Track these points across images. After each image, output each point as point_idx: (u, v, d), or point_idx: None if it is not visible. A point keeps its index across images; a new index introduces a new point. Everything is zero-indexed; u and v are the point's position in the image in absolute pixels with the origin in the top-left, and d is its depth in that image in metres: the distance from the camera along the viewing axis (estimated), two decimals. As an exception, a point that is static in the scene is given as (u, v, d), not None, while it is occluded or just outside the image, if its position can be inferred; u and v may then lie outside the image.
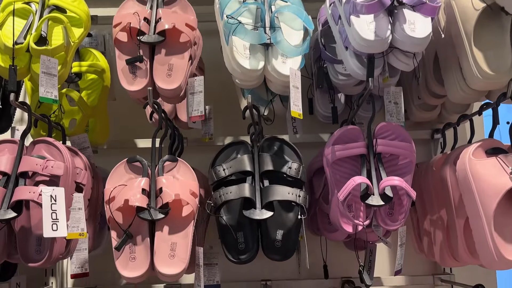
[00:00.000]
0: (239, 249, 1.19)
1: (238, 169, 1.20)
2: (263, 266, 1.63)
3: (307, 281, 1.60)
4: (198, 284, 1.16)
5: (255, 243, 1.20)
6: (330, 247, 1.60)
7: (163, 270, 1.10)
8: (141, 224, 1.13)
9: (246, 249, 1.19)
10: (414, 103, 1.54)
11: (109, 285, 1.57)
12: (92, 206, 1.31)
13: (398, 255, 1.22)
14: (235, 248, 1.19)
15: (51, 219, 1.05)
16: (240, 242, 1.19)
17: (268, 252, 1.21)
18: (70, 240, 1.18)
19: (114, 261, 1.16)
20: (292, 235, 1.19)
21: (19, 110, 1.62)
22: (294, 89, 1.16)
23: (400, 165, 1.21)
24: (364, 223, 1.17)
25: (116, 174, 1.19)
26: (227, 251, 1.20)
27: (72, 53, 1.26)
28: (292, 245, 1.20)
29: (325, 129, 1.63)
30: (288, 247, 1.20)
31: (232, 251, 1.19)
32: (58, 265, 1.66)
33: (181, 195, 1.12)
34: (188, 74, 1.27)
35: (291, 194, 1.16)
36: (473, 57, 1.15)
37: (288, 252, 1.20)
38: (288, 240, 1.19)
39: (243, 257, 1.19)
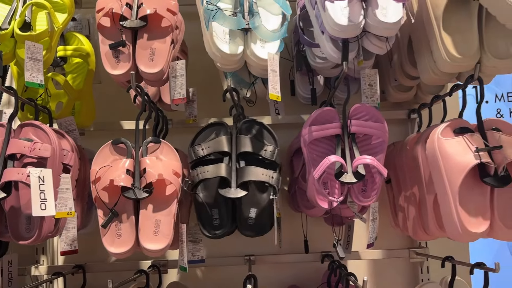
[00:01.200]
0: (214, 224, 1.25)
1: (216, 149, 1.26)
2: (246, 242, 1.68)
3: (289, 255, 1.67)
4: (181, 259, 1.23)
5: (229, 219, 1.26)
6: (310, 223, 1.67)
7: (148, 246, 1.16)
8: (126, 203, 1.18)
9: (221, 225, 1.26)
10: (391, 84, 1.59)
11: (98, 262, 1.63)
12: (80, 186, 1.36)
13: (370, 229, 1.29)
14: (210, 224, 1.25)
15: (39, 199, 1.10)
16: (215, 218, 1.25)
17: (242, 229, 1.27)
18: (59, 219, 1.24)
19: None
20: (265, 214, 1.25)
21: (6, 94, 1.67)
22: (272, 72, 1.21)
23: (373, 144, 1.27)
24: (338, 200, 1.23)
25: (102, 155, 1.24)
26: (202, 227, 1.26)
27: (56, 38, 1.30)
28: (265, 222, 1.26)
29: (306, 110, 1.67)
30: (261, 225, 1.26)
31: (207, 226, 1.26)
32: (48, 244, 1.72)
33: (164, 175, 1.18)
34: (171, 58, 1.31)
35: (265, 175, 1.22)
36: (442, 41, 1.20)
37: (261, 229, 1.27)
38: (261, 218, 1.25)
39: (218, 232, 1.25)
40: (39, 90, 1.46)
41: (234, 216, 1.27)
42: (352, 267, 1.72)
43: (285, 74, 1.70)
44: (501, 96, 2.49)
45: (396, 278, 1.75)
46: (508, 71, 1.23)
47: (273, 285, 1.72)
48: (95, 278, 1.62)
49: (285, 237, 1.56)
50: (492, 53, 1.19)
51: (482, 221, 1.17)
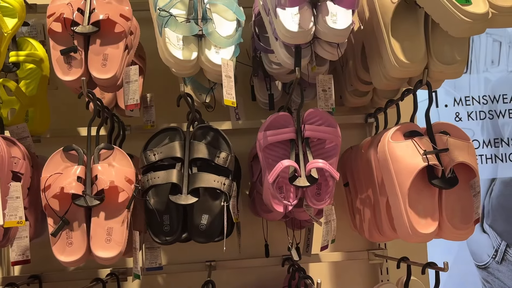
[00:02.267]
0: (164, 231, 1.24)
1: (168, 155, 1.26)
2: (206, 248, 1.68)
3: (250, 260, 1.67)
4: (135, 267, 1.22)
5: (179, 225, 1.25)
6: (271, 227, 1.68)
7: (99, 253, 1.14)
8: (78, 210, 1.17)
9: (171, 231, 1.25)
10: (347, 89, 1.62)
11: (55, 271, 1.60)
12: (33, 195, 1.33)
13: (324, 232, 1.30)
14: (160, 230, 1.24)
15: (-15, 208, 1.07)
16: (166, 224, 1.24)
17: (193, 235, 1.27)
18: (9, 229, 1.21)
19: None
20: (217, 220, 1.25)
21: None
22: (226, 78, 1.21)
23: (326, 148, 1.29)
24: (292, 203, 1.24)
25: (53, 162, 1.22)
26: (152, 233, 1.25)
27: (6, 44, 1.27)
28: (216, 229, 1.26)
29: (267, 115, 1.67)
30: (212, 231, 1.26)
31: (157, 233, 1.25)
32: (3, 254, 1.67)
33: (116, 182, 1.17)
34: (125, 64, 1.30)
35: (217, 181, 1.23)
36: (391, 47, 1.24)
37: (212, 235, 1.27)
38: (213, 224, 1.25)
39: (168, 238, 1.25)
40: (-10, 96, 1.43)
41: (185, 222, 1.26)
42: (313, 269, 1.74)
43: (245, 79, 1.71)
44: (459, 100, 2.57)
45: (356, 280, 1.77)
46: (455, 76, 1.27)
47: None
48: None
49: (246, 242, 1.57)
50: (439, 59, 1.23)
51: (431, 222, 1.20)
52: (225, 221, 1.21)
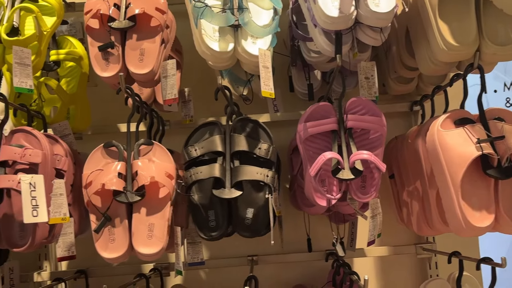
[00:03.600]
0: (210, 226, 1.22)
1: (209, 149, 1.23)
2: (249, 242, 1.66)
3: (292, 255, 1.64)
4: (177, 263, 1.21)
5: (225, 220, 1.23)
6: (314, 221, 1.64)
7: (142, 250, 1.14)
8: (119, 207, 1.16)
9: (217, 226, 1.23)
10: (391, 76, 1.55)
11: (100, 267, 1.62)
12: (76, 191, 1.34)
13: (370, 227, 1.25)
14: (206, 226, 1.22)
15: (31, 206, 1.09)
16: (211, 220, 1.22)
17: (238, 230, 1.24)
18: (54, 225, 1.22)
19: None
20: (262, 213, 1.22)
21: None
22: (264, 69, 1.18)
23: (371, 139, 1.23)
24: (336, 197, 1.19)
25: (93, 159, 1.22)
26: (198, 229, 1.23)
27: (46, 42, 1.28)
28: (262, 222, 1.23)
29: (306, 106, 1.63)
30: (257, 225, 1.23)
31: (203, 228, 1.23)
32: (51, 250, 1.71)
33: (157, 178, 1.15)
34: (162, 58, 1.29)
35: (259, 174, 1.19)
36: (439, 29, 1.16)
37: (258, 229, 1.23)
38: (258, 217, 1.22)
39: (214, 234, 1.22)
40: (33, 95, 1.46)
41: (230, 217, 1.24)
42: (357, 264, 1.69)
43: (283, 70, 1.67)
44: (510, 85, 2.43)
45: (403, 275, 1.71)
46: (508, 58, 1.18)
47: (278, 284, 1.70)
48: (97, 283, 1.61)
49: (288, 236, 1.53)
50: (492, 40, 1.14)
51: (486, 215, 1.13)
52: (270, 213, 1.18)
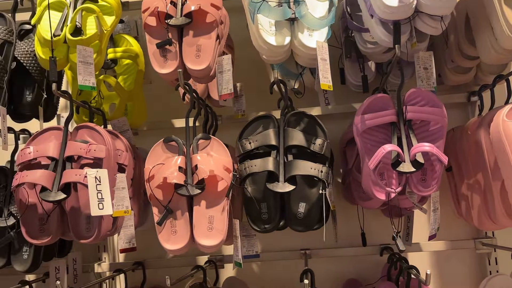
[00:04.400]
0: (263, 219, 1.23)
1: (263, 143, 1.24)
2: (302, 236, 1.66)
3: (346, 249, 1.62)
4: (236, 255, 1.22)
5: (277, 213, 1.23)
6: (367, 215, 1.62)
7: (203, 242, 1.16)
8: (180, 200, 1.19)
9: (269, 219, 1.23)
10: (447, 66, 1.51)
11: (156, 258, 1.67)
12: (136, 185, 1.39)
13: (431, 220, 1.22)
14: (259, 218, 1.23)
15: (97, 199, 1.13)
16: (264, 212, 1.23)
17: (290, 224, 1.24)
18: (117, 218, 1.27)
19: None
20: (314, 208, 1.22)
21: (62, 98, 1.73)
22: (322, 61, 1.17)
23: (431, 131, 1.20)
24: (396, 190, 1.18)
25: (154, 154, 1.25)
26: (251, 221, 1.24)
27: (106, 41, 1.32)
28: (314, 217, 1.23)
29: (358, 99, 1.62)
30: (310, 219, 1.23)
31: (256, 221, 1.24)
32: (109, 242, 1.78)
33: (216, 171, 1.17)
34: (217, 53, 1.31)
35: (314, 169, 1.19)
36: (504, 15, 1.12)
37: (310, 224, 1.23)
38: (310, 212, 1.22)
39: (267, 226, 1.23)
40: (92, 92, 1.51)
41: (283, 210, 1.24)
42: (413, 259, 1.65)
43: (334, 62, 1.64)
44: None
45: (461, 270, 1.66)
46: None
47: (331, 278, 1.69)
48: (154, 274, 1.66)
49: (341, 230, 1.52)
50: (562, 25, 1.09)
51: (556, 208, 1.08)
52: (324, 208, 1.17)
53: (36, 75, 1.44)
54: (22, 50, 1.42)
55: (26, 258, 1.39)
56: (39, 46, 1.25)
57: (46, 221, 1.21)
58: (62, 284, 1.35)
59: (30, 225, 1.21)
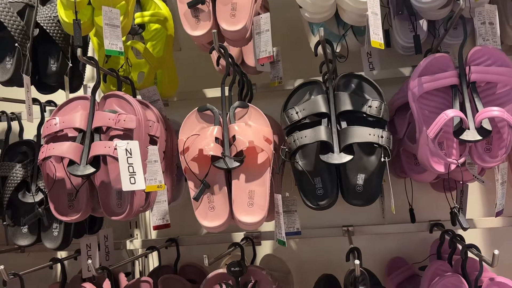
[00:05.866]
0: (318, 195, 1.12)
1: (312, 111, 1.12)
2: (344, 212, 1.56)
3: (392, 225, 1.51)
4: (279, 232, 1.13)
5: (334, 188, 1.12)
6: (415, 190, 1.50)
7: (243, 218, 1.07)
8: (217, 173, 1.10)
9: (325, 195, 1.12)
10: (509, 23, 1.34)
11: (190, 235, 1.59)
12: (168, 158, 1.30)
13: (499, 195, 1.09)
14: (313, 194, 1.13)
15: (128, 173, 1.05)
16: (318, 188, 1.12)
17: (349, 198, 1.13)
18: (149, 193, 1.18)
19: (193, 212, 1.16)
20: (375, 179, 1.10)
21: (89, 68, 1.65)
22: (373, 16, 1.04)
23: (498, 93, 1.07)
24: (459, 161, 1.05)
25: (188, 124, 1.15)
26: (305, 198, 1.14)
27: (133, 3, 1.22)
28: (375, 189, 1.11)
29: (405, 63, 1.48)
30: (370, 192, 1.11)
31: (310, 197, 1.13)
32: (141, 218, 1.71)
33: (255, 142, 1.07)
34: (253, 13, 1.19)
35: (373, 135, 1.06)
36: None
37: (370, 197, 1.12)
38: (370, 184, 1.10)
39: (323, 203, 1.12)
40: (120, 60, 1.41)
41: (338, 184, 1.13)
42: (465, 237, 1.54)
43: (377, 24, 1.51)
44: None
45: (518, 249, 1.53)
46: None
47: (375, 256, 1.58)
48: (187, 251, 1.59)
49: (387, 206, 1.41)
50: None
51: None
52: (389, 178, 1.05)
53: (60, 42, 1.35)
54: (44, 15, 1.33)
55: (57, 235, 1.34)
56: (62, 9, 1.16)
57: (75, 197, 1.13)
58: (94, 261, 1.29)
59: (58, 201, 1.14)
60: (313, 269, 1.56)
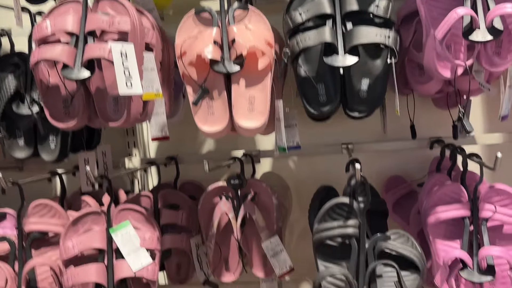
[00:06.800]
0: (320, 101, 1.09)
1: (316, 12, 1.06)
2: (344, 129, 1.56)
3: (392, 142, 1.49)
4: (279, 139, 1.11)
5: (337, 94, 1.09)
6: (417, 107, 1.48)
7: (243, 123, 1.05)
8: (217, 78, 1.06)
9: (328, 100, 1.09)
10: None
11: (189, 154, 1.58)
12: (165, 70, 1.26)
13: (505, 98, 1.07)
14: (315, 100, 1.10)
15: (124, 76, 1.01)
16: (321, 94, 1.09)
17: (352, 104, 1.10)
18: (147, 103, 1.15)
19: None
20: (379, 84, 1.07)
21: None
22: None
23: (512, -7, 1.01)
24: (468, 63, 1.01)
25: (185, 27, 1.10)
26: (307, 104, 1.11)
27: None
28: (379, 95, 1.08)
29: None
30: (374, 97, 1.08)
31: (312, 103, 1.10)
32: (140, 137, 1.70)
33: (256, 46, 1.03)
34: None
35: (379, 35, 1.02)
36: None
37: (374, 103, 1.09)
38: (374, 89, 1.07)
39: (325, 109, 1.10)
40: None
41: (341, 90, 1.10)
42: (465, 154, 1.53)
43: None
44: None
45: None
46: None
47: (373, 175, 1.58)
48: (186, 170, 1.58)
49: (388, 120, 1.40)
50: None
51: None
52: (395, 80, 1.02)
53: None
54: None
55: (54, 148, 1.32)
56: None
57: (70, 103, 1.10)
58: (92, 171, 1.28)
59: (53, 108, 1.11)
60: (312, 187, 1.56)
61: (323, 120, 1.28)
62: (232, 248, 1.32)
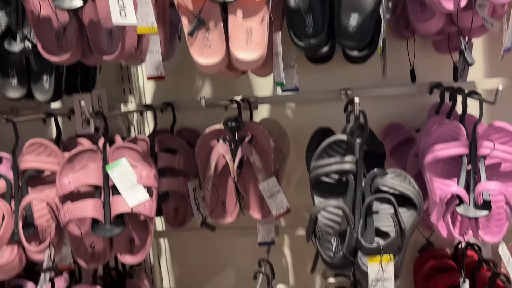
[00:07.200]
0: (307, 33, 1.07)
1: None
2: (343, 75, 1.54)
3: (391, 88, 1.48)
4: (277, 74, 1.09)
5: (325, 26, 1.07)
6: (417, 51, 1.46)
7: (240, 55, 1.02)
8: (212, 8, 1.03)
9: (316, 32, 1.07)
10: None
11: (185, 101, 1.56)
12: (160, 6, 1.22)
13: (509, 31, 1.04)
14: (303, 32, 1.07)
15: (118, 6, 0.98)
16: (309, 25, 1.06)
17: (340, 39, 1.07)
18: (141, 37, 1.13)
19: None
20: (368, 21, 1.03)
21: None
22: None
23: None
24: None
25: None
26: (294, 36, 1.08)
27: None
28: (367, 31, 1.05)
29: None
30: (362, 33, 1.05)
31: (300, 35, 1.08)
32: (135, 85, 1.67)
33: (253, -27, 0.99)
34: None
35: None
36: None
37: (362, 38, 1.06)
38: (363, 25, 1.04)
39: (312, 41, 1.07)
40: None
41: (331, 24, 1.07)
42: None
43: None
44: None
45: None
46: None
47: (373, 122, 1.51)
48: (183, 116, 1.57)
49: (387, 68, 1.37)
50: None
51: None
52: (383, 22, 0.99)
53: None
54: None
55: (48, 88, 1.30)
56: None
57: (63, 35, 1.08)
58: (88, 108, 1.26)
59: (46, 40, 1.08)
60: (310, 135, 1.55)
61: (320, 62, 1.25)
62: (230, 190, 1.31)
